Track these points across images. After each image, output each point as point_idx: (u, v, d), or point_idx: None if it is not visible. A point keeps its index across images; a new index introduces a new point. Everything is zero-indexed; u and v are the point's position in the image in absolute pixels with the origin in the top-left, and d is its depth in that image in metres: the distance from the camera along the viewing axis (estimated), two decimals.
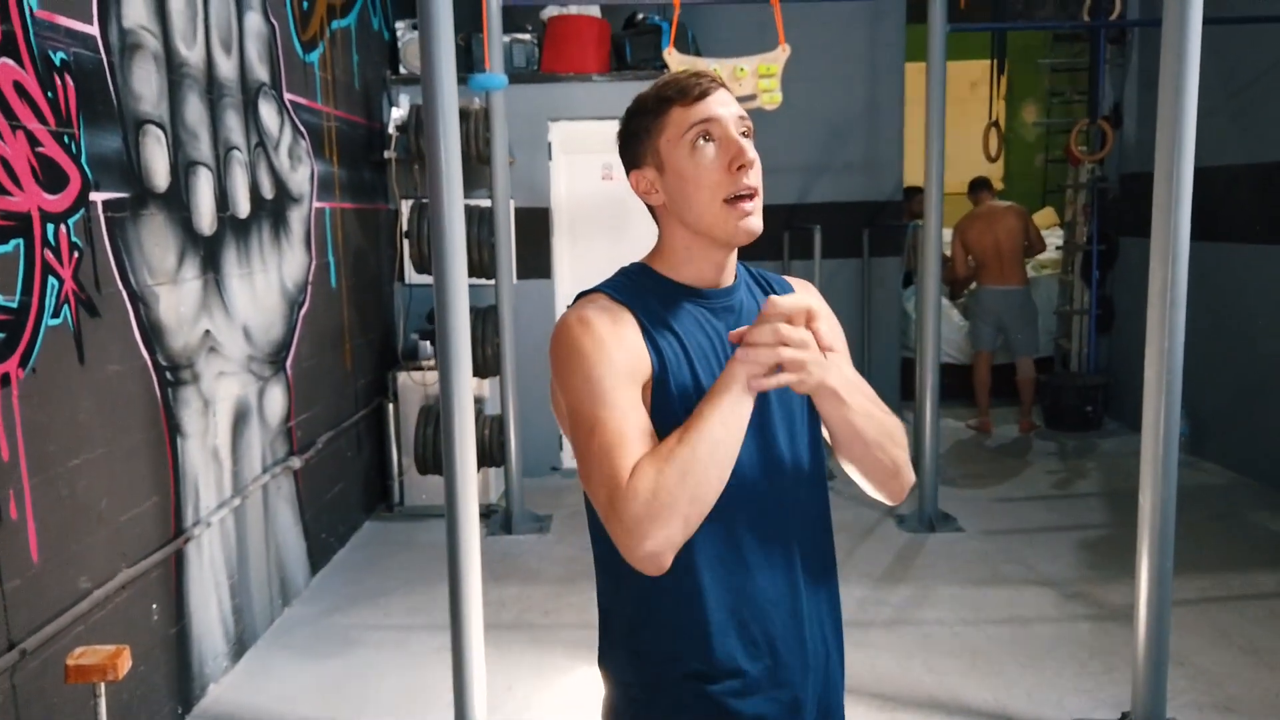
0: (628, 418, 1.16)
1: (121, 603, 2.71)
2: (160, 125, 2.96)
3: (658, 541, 1.08)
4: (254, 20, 3.66)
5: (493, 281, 4.75)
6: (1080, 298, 6.92)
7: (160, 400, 2.95)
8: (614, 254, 5.54)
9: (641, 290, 1.29)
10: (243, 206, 3.54)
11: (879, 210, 6.73)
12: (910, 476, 1.32)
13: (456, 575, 2.71)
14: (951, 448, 6.32)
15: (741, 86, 4.43)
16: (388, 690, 3.30)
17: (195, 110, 3.19)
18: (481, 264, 4.75)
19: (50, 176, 2.41)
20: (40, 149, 2.37)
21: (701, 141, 1.24)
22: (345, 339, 4.66)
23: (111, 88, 2.70)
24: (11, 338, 2.26)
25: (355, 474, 4.82)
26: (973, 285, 6.71)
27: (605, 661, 1.34)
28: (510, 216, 4.73)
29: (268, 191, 3.76)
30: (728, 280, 1.33)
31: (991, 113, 6.35)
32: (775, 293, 1.36)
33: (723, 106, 1.25)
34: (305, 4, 4.18)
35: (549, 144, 5.41)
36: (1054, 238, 7.55)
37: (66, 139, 2.48)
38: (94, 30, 2.62)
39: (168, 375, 2.99)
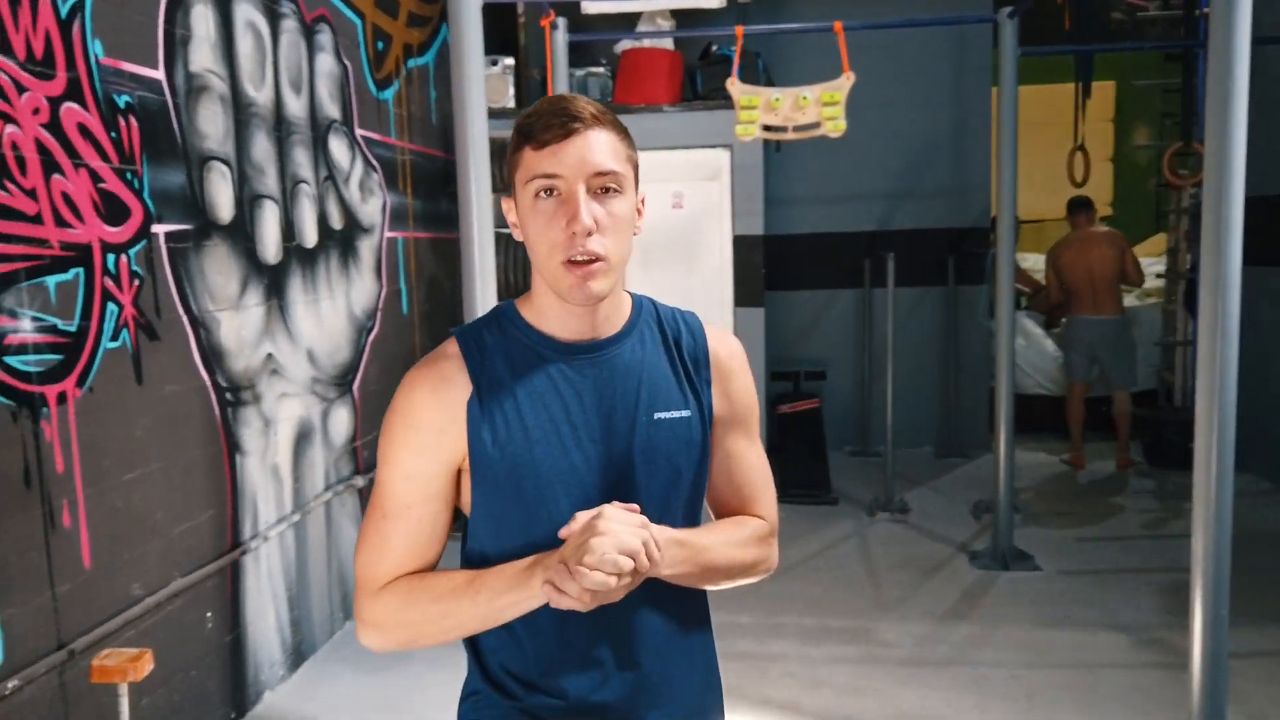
0: (408, 523, 1.19)
1: (174, 610, 2.87)
2: (225, 161, 3.16)
3: (374, 646, 1.21)
4: (325, 61, 3.87)
5: None
6: (1183, 328, 6.57)
7: (219, 419, 3.13)
8: (684, 281, 5.62)
9: (495, 342, 1.23)
10: (310, 237, 3.72)
11: (964, 237, 6.56)
12: (769, 565, 1.31)
13: None
14: (1040, 483, 6.08)
15: (805, 115, 4.42)
16: (432, 704, 3.38)
17: (262, 147, 3.39)
18: None
19: (111, 210, 2.60)
20: (102, 185, 2.57)
21: (544, 195, 1.15)
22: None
23: (176, 127, 2.90)
24: (69, 359, 2.45)
25: None
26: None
27: None
28: None
29: (336, 222, 3.95)
30: (604, 331, 1.23)
31: (1076, 136, 6.12)
32: (682, 340, 1.28)
33: (576, 155, 1.13)
34: (380, 44, 4.39)
35: None
36: (1160, 265, 7.21)
37: (129, 175, 2.68)
38: (159, 75, 2.82)
39: (227, 396, 3.17)
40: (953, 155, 6.58)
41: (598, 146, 1.14)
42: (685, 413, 1.24)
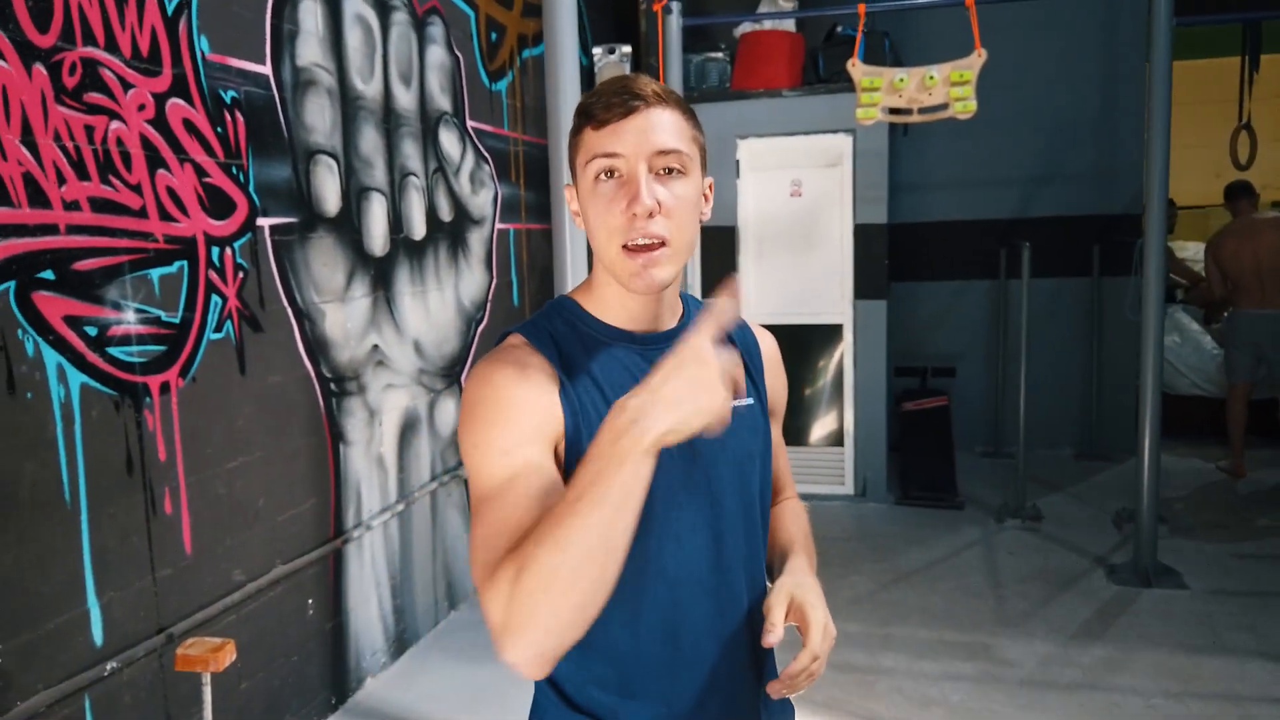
0: (515, 494, 1.01)
1: (275, 597, 2.93)
2: (332, 155, 3.19)
3: (521, 655, 0.91)
4: (437, 53, 3.88)
5: None
6: None
7: (323, 409, 3.17)
8: (802, 273, 5.42)
9: (563, 334, 1.16)
10: (418, 229, 3.74)
11: (1113, 225, 6.10)
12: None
13: None
14: (1193, 492, 5.60)
15: (931, 96, 4.17)
16: (525, 700, 3.35)
17: (370, 140, 3.41)
18: None
19: (216, 204, 2.65)
20: (207, 179, 2.62)
21: (604, 176, 1.10)
22: None
23: (283, 121, 2.94)
24: (173, 350, 2.51)
25: None
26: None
27: None
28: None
29: (446, 214, 3.96)
30: (666, 323, 1.19)
31: (1242, 114, 5.59)
32: (732, 331, 1.27)
33: (637, 133, 1.08)
34: (494, 35, 4.38)
35: (737, 161, 5.35)
36: None
37: (234, 169, 2.73)
38: (266, 70, 2.86)
39: (332, 386, 3.21)
40: (1100, 136, 6.12)
41: (660, 124, 1.09)
42: (751, 400, 1.26)
